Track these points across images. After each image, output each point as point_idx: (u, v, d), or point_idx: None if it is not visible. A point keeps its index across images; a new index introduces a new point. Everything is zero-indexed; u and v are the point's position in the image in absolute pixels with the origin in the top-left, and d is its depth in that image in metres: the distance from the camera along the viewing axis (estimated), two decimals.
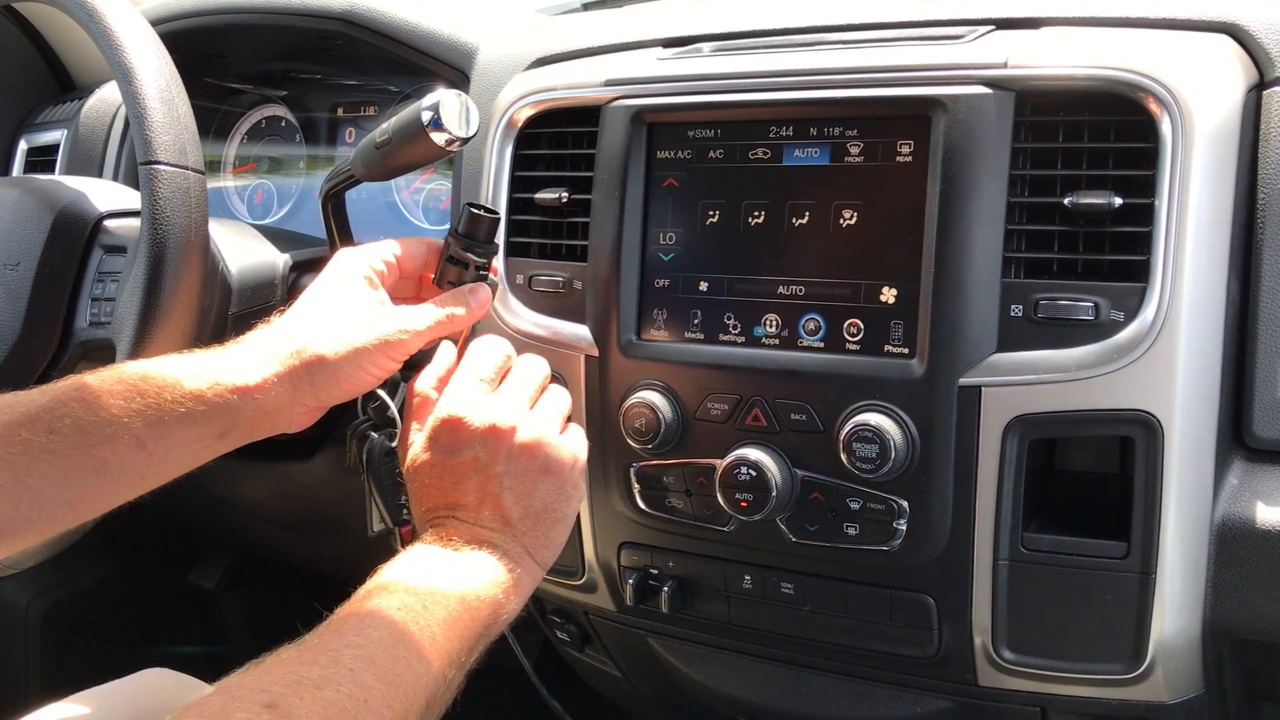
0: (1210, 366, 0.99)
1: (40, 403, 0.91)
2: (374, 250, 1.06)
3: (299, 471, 1.56)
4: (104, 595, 2.09)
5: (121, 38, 1.09)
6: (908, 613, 1.09)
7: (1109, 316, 0.97)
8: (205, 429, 0.97)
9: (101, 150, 1.77)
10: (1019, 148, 1.01)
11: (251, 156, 1.84)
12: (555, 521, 0.99)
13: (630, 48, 1.29)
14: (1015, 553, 1.03)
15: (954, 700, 1.14)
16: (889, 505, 1.04)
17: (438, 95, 1.12)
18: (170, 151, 1.08)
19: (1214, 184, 0.97)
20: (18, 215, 1.29)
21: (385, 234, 1.62)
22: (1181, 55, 1.00)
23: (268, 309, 1.37)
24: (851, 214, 1.06)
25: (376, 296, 1.03)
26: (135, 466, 0.93)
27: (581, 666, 1.50)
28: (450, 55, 1.46)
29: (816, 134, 1.08)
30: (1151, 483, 0.98)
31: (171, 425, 0.94)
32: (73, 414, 0.90)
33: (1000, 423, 1.00)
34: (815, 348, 1.07)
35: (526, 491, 0.97)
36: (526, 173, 1.26)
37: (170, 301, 1.07)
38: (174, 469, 0.98)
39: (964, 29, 1.09)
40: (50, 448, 0.89)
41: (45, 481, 0.89)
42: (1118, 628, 1.02)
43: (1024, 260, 1.01)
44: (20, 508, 0.88)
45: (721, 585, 1.18)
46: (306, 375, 0.99)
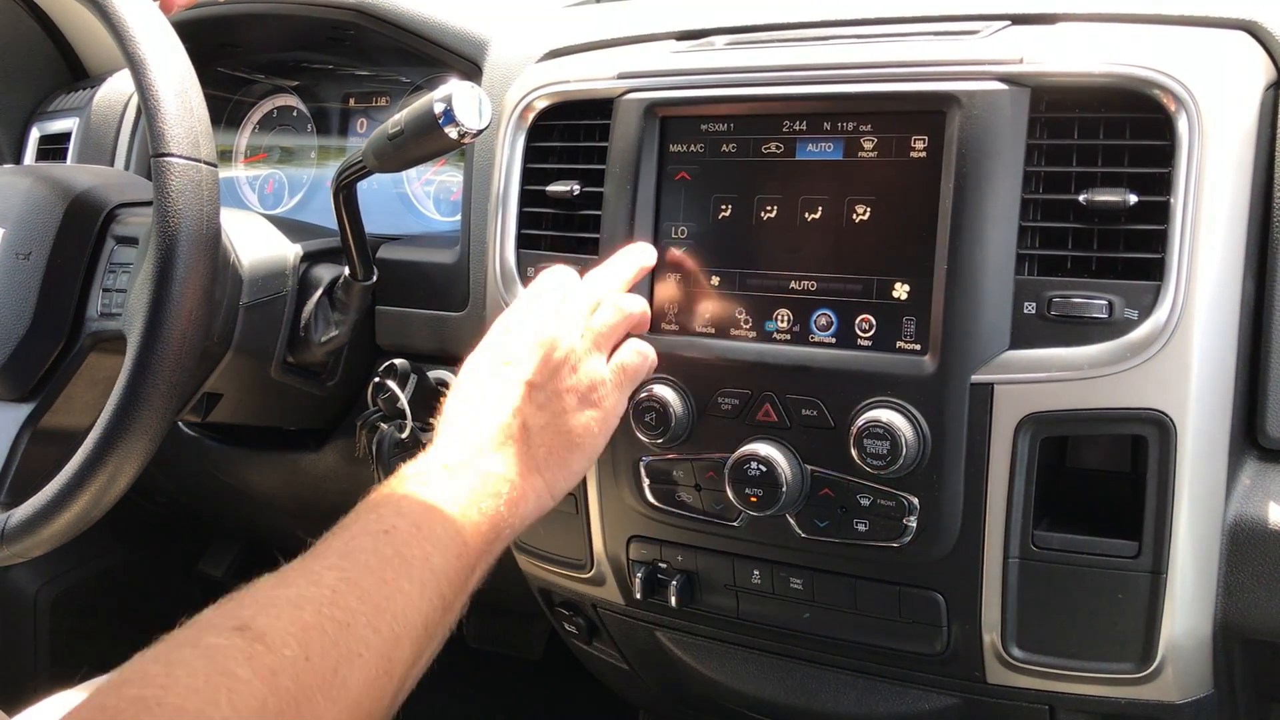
0: (1224, 366, 0.99)
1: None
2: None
3: (309, 462, 1.56)
4: (113, 582, 2.10)
5: (134, 28, 1.09)
6: (917, 609, 1.09)
7: (1123, 315, 0.97)
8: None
9: (113, 139, 1.77)
10: (1034, 144, 1.00)
11: (263, 146, 1.84)
12: (576, 447, 0.98)
13: (643, 40, 1.28)
14: (1025, 551, 1.03)
15: (962, 697, 1.14)
16: (899, 502, 1.04)
17: (450, 87, 1.12)
18: (183, 144, 1.08)
19: (1230, 182, 0.97)
20: (30, 204, 1.29)
21: (396, 225, 1.63)
22: (1198, 52, 0.99)
23: (279, 299, 1.37)
24: (864, 209, 1.05)
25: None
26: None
27: (589, 659, 1.50)
28: (463, 47, 1.46)
29: (830, 128, 1.08)
30: (1164, 482, 0.98)
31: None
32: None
33: (1012, 420, 1.00)
34: (827, 343, 1.07)
35: (557, 411, 0.96)
36: (538, 165, 1.26)
37: (181, 294, 1.07)
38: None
39: (979, 24, 1.08)
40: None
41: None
42: (1128, 627, 1.01)
43: (1038, 257, 1.00)
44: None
45: (730, 580, 1.18)
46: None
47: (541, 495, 0.96)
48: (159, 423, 1.08)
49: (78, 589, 2.04)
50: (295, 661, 0.71)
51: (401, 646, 0.78)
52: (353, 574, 0.78)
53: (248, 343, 1.34)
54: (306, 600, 0.74)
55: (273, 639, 0.71)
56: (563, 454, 0.97)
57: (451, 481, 0.90)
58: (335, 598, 0.75)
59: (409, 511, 0.85)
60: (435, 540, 0.84)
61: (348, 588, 0.77)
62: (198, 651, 0.69)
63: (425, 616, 0.81)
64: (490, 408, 0.97)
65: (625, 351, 1.06)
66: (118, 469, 1.08)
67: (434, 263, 1.45)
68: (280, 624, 0.72)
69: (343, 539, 0.82)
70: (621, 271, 1.11)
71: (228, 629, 0.71)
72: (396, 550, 0.81)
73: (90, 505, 1.09)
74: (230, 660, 0.69)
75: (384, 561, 0.80)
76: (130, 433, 1.07)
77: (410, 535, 0.83)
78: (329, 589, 0.76)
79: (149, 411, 1.07)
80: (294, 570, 0.78)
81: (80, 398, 1.27)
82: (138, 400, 1.06)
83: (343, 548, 0.81)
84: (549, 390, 0.98)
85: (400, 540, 0.82)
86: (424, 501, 0.86)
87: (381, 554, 0.80)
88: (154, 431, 1.08)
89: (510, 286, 1.25)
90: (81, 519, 1.10)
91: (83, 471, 1.08)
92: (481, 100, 1.13)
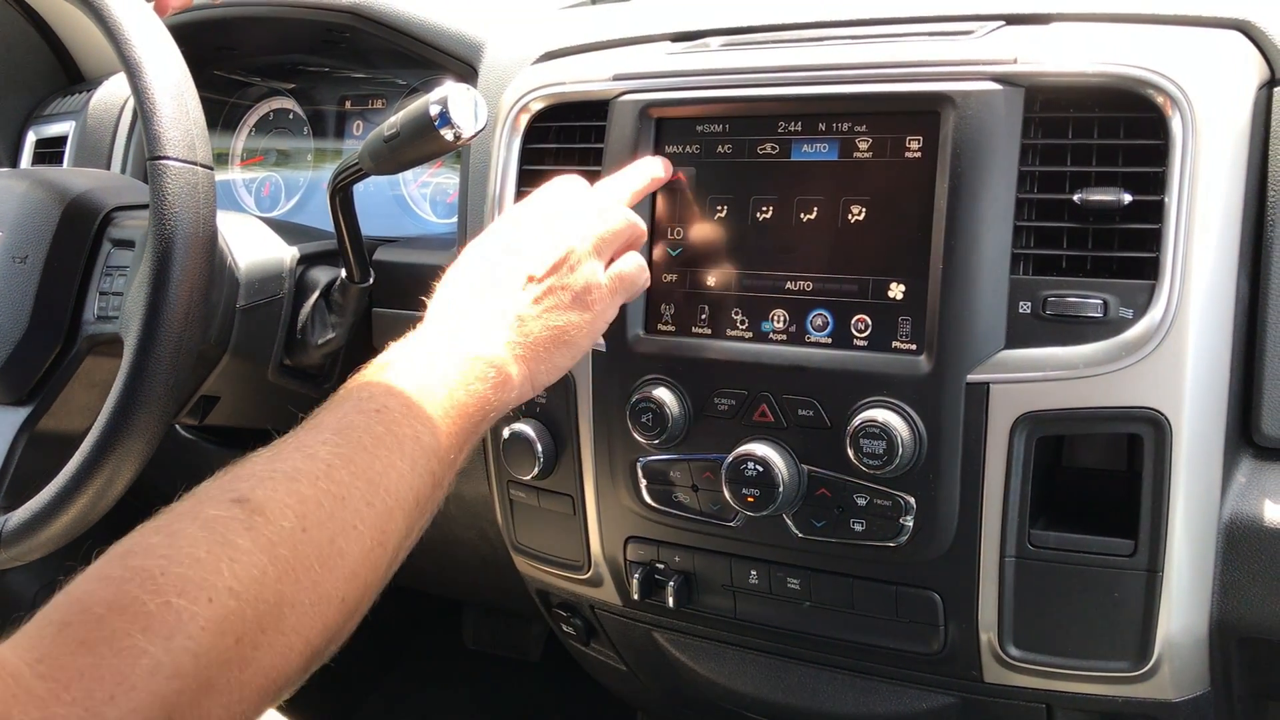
0: (1219, 364, 0.99)
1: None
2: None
3: None
4: None
5: (130, 32, 1.09)
6: (914, 609, 1.09)
7: (1118, 314, 0.97)
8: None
9: (110, 142, 1.77)
10: (1028, 144, 1.00)
11: (259, 149, 1.84)
12: (564, 345, 0.99)
13: (638, 42, 1.29)
14: (1022, 549, 1.03)
15: (959, 697, 1.14)
16: (896, 501, 1.04)
17: (446, 89, 1.12)
18: (179, 147, 1.08)
19: (1224, 181, 0.97)
20: (26, 207, 1.29)
21: (393, 227, 1.63)
22: (1192, 52, 0.99)
23: (275, 301, 1.37)
24: (860, 209, 1.06)
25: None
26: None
27: (587, 660, 1.50)
28: (458, 49, 1.46)
29: (825, 129, 1.08)
30: (1159, 481, 0.98)
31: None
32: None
33: (1008, 420, 1.00)
34: (823, 343, 1.07)
35: (549, 309, 0.97)
36: (534, 167, 1.26)
37: (178, 297, 1.07)
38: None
39: (973, 24, 1.08)
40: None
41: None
42: (1124, 625, 1.02)
43: (1032, 257, 1.00)
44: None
45: (728, 580, 1.18)
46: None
47: (524, 383, 0.97)
48: (156, 425, 1.08)
49: None
50: (293, 533, 0.73)
51: (395, 519, 0.80)
52: (346, 449, 0.79)
53: (244, 345, 1.34)
54: (302, 474, 0.76)
55: (271, 511, 0.73)
56: (550, 348, 0.98)
57: (441, 361, 0.91)
58: (330, 472, 0.77)
59: (399, 391, 0.86)
60: (424, 419, 0.85)
61: (342, 463, 0.78)
62: (198, 523, 0.71)
63: (417, 491, 0.82)
64: (486, 290, 0.98)
65: (625, 261, 1.06)
66: (115, 472, 1.08)
67: (431, 265, 1.44)
68: (278, 496, 0.74)
69: (335, 415, 0.84)
70: (632, 182, 1.11)
71: (226, 501, 0.73)
72: (388, 428, 0.83)
73: (87, 508, 1.09)
74: (230, 530, 0.71)
75: (376, 439, 0.82)
76: (127, 436, 1.07)
77: (401, 414, 0.84)
78: (324, 463, 0.77)
79: (146, 414, 1.07)
80: (289, 445, 0.80)
81: (77, 401, 1.27)
82: (135, 403, 1.06)
83: (336, 424, 0.82)
84: (546, 284, 0.98)
85: (391, 419, 0.84)
86: (414, 381, 0.88)
87: (374, 431, 0.82)
88: (151, 434, 1.08)
89: None
90: (79, 522, 1.10)
91: (80, 475, 1.08)
92: (477, 102, 1.13)
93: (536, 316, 0.97)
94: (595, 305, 1.01)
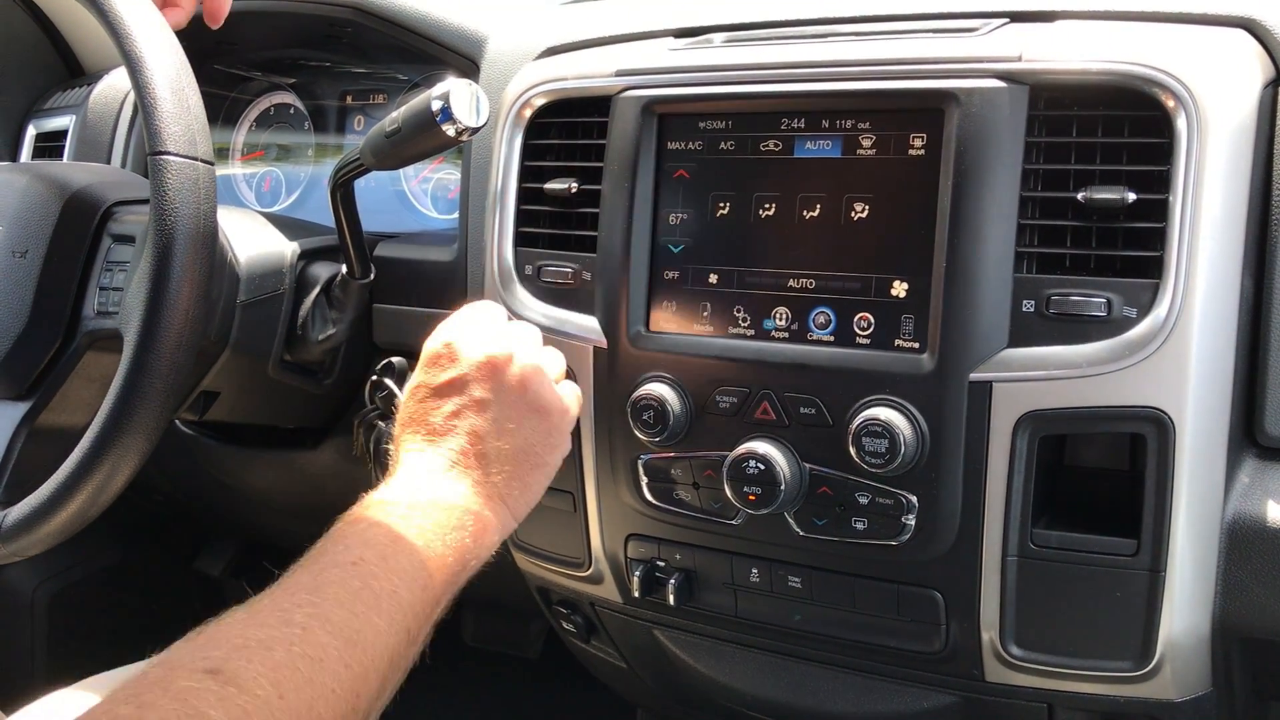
0: (1223, 364, 0.99)
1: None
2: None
3: (306, 460, 1.56)
4: (110, 582, 2.10)
5: (131, 26, 1.08)
6: (915, 608, 1.09)
7: (1121, 313, 0.97)
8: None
9: (110, 136, 1.77)
10: (1032, 142, 1.00)
11: (260, 144, 1.83)
12: (535, 466, 0.96)
13: (641, 38, 1.28)
14: (1024, 549, 1.03)
15: (961, 696, 1.14)
16: (898, 500, 1.04)
17: (448, 85, 1.12)
18: (179, 142, 1.07)
19: (1229, 180, 0.97)
20: (26, 201, 1.29)
21: (394, 223, 1.63)
22: (1197, 50, 0.99)
23: (276, 297, 1.37)
24: (863, 207, 1.05)
25: None
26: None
27: (587, 658, 1.50)
28: (460, 44, 1.46)
29: (828, 126, 1.08)
30: (1162, 480, 0.98)
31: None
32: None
33: (1010, 418, 1.00)
34: (825, 341, 1.07)
35: (510, 429, 0.94)
36: (536, 163, 1.26)
37: (178, 292, 1.06)
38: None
39: (978, 21, 1.08)
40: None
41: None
42: (1126, 625, 1.01)
43: (1036, 255, 1.00)
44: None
45: (729, 578, 1.17)
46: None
47: (505, 521, 0.94)
48: (156, 421, 1.08)
49: (75, 588, 2.04)
50: (269, 701, 0.70)
51: (369, 681, 0.78)
52: (323, 608, 0.77)
53: (245, 341, 1.33)
54: (277, 641, 0.74)
55: (245, 680, 0.70)
56: (523, 475, 0.95)
57: (415, 513, 0.88)
58: (306, 635, 0.75)
59: (375, 543, 0.84)
60: (402, 573, 0.83)
61: (318, 623, 0.76)
62: (169, 694, 0.69)
63: (392, 651, 0.80)
64: (441, 431, 0.95)
65: (567, 385, 1.04)
66: (115, 467, 1.07)
67: (431, 261, 1.45)
68: (252, 667, 0.71)
69: (311, 572, 0.82)
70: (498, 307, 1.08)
71: (199, 671, 0.70)
72: (365, 583, 0.81)
73: (87, 504, 1.09)
74: (202, 702, 0.68)
75: (353, 594, 0.80)
76: (127, 431, 1.06)
77: (377, 567, 0.82)
78: (299, 627, 0.75)
79: (146, 410, 1.07)
80: (264, 607, 0.78)
81: (77, 396, 1.27)
82: (135, 398, 1.06)
83: (311, 582, 0.81)
84: (500, 406, 0.95)
85: (367, 572, 0.82)
86: (390, 533, 0.86)
87: (350, 586, 0.80)
88: (151, 430, 1.08)
89: (508, 284, 1.25)
90: (78, 517, 1.10)
91: (80, 470, 1.07)
92: (479, 98, 1.13)
93: (500, 449, 0.94)
94: (551, 411, 0.97)
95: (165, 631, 0.75)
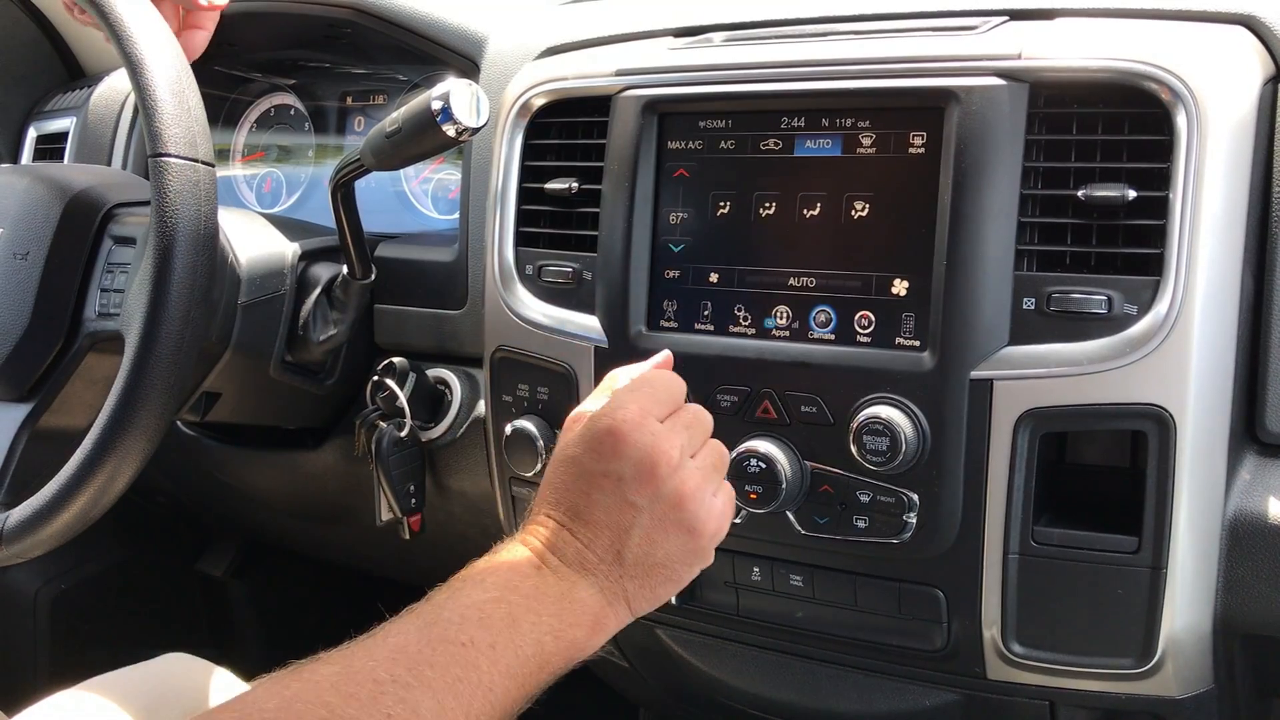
0: (1223, 361, 0.99)
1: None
2: None
3: (308, 460, 1.56)
4: (113, 582, 2.10)
5: (131, 28, 1.08)
6: (917, 606, 1.09)
7: (1122, 310, 0.97)
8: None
9: (111, 138, 1.77)
10: (1032, 140, 1.00)
11: (260, 145, 1.83)
12: (666, 580, 0.90)
13: (641, 37, 1.28)
14: (1025, 546, 1.03)
15: (962, 694, 1.14)
16: (899, 498, 1.04)
17: (448, 85, 1.12)
18: (180, 144, 1.08)
19: (1229, 177, 0.97)
20: (27, 203, 1.29)
21: (394, 223, 1.63)
22: (1197, 47, 0.99)
23: (277, 298, 1.37)
24: (863, 205, 1.05)
25: None
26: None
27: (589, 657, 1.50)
28: (460, 44, 1.46)
29: (828, 125, 1.08)
30: (1163, 477, 0.98)
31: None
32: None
33: (1012, 416, 1.00)
34: (826, 340, 1.07)
35: (656, 539, 0.88)
36: (536, 162, 1.26)
37: (179, 294, 1.06)
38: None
39: (977, 20, 1.08)
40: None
41: None
42: (1128, 622, 1.01)
43: (1037, 253, 1.00)
44: None
45: (730, 577, 1.17)
46: None
47: (623, 622, 0.90)
48: (158, 422, 1.08)
49: (77, 589, 2.04)
50: None
51: None
52: (415, 694, 0.74)
53: (246, 342, 1.34)
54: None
55: None
56: (654, 586, 0.90)
57: (540, 595, 0.85)
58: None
59: (492, 624, 0.80)
60: (505, 670, 0.79)
61: (405, 712, 0.73)
62: None
63: None
64: (587, 521, 0.89)
65: (725, 494, 0.95)
66: (116, 469, 1.07)
67: (432, 261, 1.45)
68: None
69: (420, 640, 0.78)
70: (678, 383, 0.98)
71: None
72: (466, 673, 0.77)
73: (89, 505, 1.09)
74: None
75: (450, 685, 0.76)
76: (129, 432, 1.07)
77: (484, 657, 0.78)
78: (385, 713, 0.72)
79: (147, 411, 1.07)
80: (360, 669, 0.74)
81: (79, 398, 1.27)
82: (136, 400, 1.06)
83: (415, 653, 0.77)
84: (652, 516, 0.89)
85: (472, 661, 0.78)
86: (509, 617, 0.82)
87: (450, 674, 0.76)
88: (153, 431, 1.08)
89: (509, 284, 1.25)
90: (80, 519, 1.10)
91: (81, 471, 1.08)
92: (479, 98, 1.13)
93: (639, 558, 0.88)
94: (702, 534, 0.91)
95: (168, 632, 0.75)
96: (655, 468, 0.88)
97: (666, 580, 0.90)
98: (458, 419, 1.39)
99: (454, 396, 1.39)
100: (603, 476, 0.88)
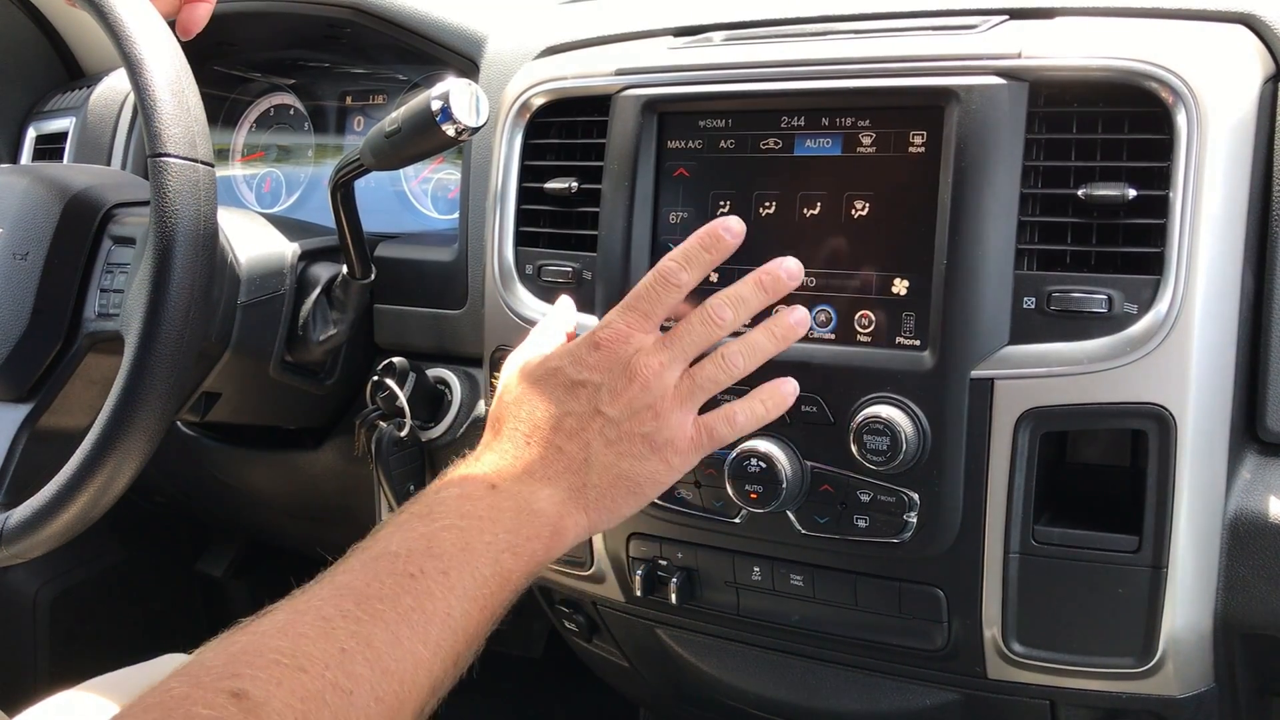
0: (1224, 360, 0.99)
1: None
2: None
3: (307, 461, 1.56)
4: (112, 583, 2.10)
5: (131, 28, 1.08)
6: (917, 605, 1.09)
7: (1122, 309, 0.97)
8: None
9: (110, 139, 1.77)
10: (1032, 139, 1.00)
11: (260, 145, 1.83)
12: (630, 493, 0.91)
13: (641, 37, 1.28)
14: (1026, 546, 1.03)
15: (963, 693, 1.14)
16: (899, 498, 1.04)
17: (447, 84, 1.12)
18: (179, 144, 1.08)
19: (1229, 176, 0.97)
20: (27, 204, 1.29)
21: (394, 223, 1.63)
22: (1197, 46, 0.99)
23: (276, 298, 1.37)
24: (863, 205, 1.05)
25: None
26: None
27: (589, 657, 1.50)
28: (459, 44, 1.46)
29: (828, 124, 1.07)
30: (1164, 476, 0.98)
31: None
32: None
33: (1012, 415, 1.00)
34: (826, 339, 1.07)
35: (623, 450, 0.89)
36: (536, 162, 1.26)
37: (179, 294, 1.06)
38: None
39: (977, 19, 1.08)
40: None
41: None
42: (1129, 621, 1.01)
43: (1037, 252, 1.00)
44: None
45: (730, 577, 1.17)
46: None
47: (581, 533, 0.90)
48: (157, 423, 1.08)
49: (77, 589, 2.04)
50: None
51: (404, 712, 0.74)
52: (367, 627, 0.73)
53: (246, 342, 1.34)
54: (313, 661, 0.70)
55: (269, 710, 0.66)
56: (615, 497, 0.90)
57: (494, 514, 0.84)
58: (343, 659, 0.71)
59: (442, 552, 0.79)
60: (462, 593, 0.79)
61: (358, 646, 0.72)
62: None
63: (434, 679, 0.76)
64: (553, 424, 0.90)
65: (718, 418, 0.96)
66: (116, 469, 1.07)
67: (432, 261, 1.45)
68: (280, 693, 0.67)
69: (365, 575, 0.77)
70: (753, 298, 0.97)
71: (224, 693, 0.66)
72: (419, 602, 0.76)
73: (89, 505, 1.09)
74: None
75: (402, 615, 0.75)
76: (129, 433, 1.06)
77: (437, 584, 0.78)
78: (338, 647, 0.71)
79: (147, 411, 1.07)
80: (308, 609, 0.73)
81: (78, 398, 1.27)
82: (136, 400, 1.06)
83: (363, 589, 0.76)
84: (623, 429, 0.90)
85: (424, 590, 0.77)
86: (461, 540, 0.81)
87: (401, 604, 0.76)
88: (152, 431, 1.08)
89: (509, 283, 1.25)
90: (80, 519, 1.10)
91: (81, 472, 1.08)
92: (478, 97, 1.13)
93: (605, 465, 0.89)
94: (673, 459, 0.91)
95: (167, 632, 0.75)
96: (631, 382, 0.90)
97: (630, 493, 0.91)
98: (458, 419, 1.39)
99: (454, 396, 1.40)
100: (580, 386, 0.91)
